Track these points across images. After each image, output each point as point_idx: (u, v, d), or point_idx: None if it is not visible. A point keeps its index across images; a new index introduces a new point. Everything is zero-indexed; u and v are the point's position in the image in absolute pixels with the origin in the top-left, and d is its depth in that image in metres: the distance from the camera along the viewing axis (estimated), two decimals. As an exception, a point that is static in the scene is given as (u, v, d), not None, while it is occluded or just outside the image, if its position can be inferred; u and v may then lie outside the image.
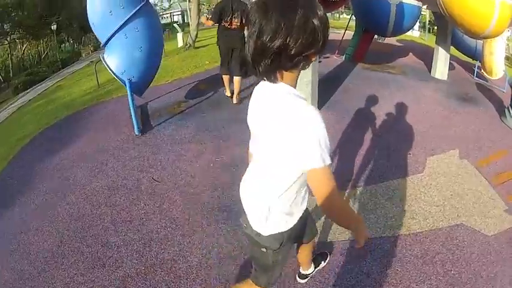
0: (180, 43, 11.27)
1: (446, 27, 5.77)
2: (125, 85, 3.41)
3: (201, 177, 2.78)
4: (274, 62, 0.85)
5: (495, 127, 4.16)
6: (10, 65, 20.50)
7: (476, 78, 6.49)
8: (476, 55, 6.59)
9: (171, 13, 32.59)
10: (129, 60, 3.40)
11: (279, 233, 1.08)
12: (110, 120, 4.12)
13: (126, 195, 2.59)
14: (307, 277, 1.80)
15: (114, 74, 3.43)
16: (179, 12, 32.06)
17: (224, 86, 4.45)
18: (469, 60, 7.27)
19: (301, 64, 0.88)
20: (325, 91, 4.62)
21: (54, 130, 4.25)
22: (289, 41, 0.81)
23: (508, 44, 7.25)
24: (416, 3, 5.67)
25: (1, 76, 18.33)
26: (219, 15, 3.88)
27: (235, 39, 3.96)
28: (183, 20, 29.33)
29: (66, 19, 22.02)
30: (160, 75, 5.90)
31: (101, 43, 3.47)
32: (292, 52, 0.83)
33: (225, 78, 4.30)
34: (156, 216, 2.32)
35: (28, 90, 11.56)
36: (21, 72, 18.87)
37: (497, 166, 3.14)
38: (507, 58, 7.04)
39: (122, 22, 3.25)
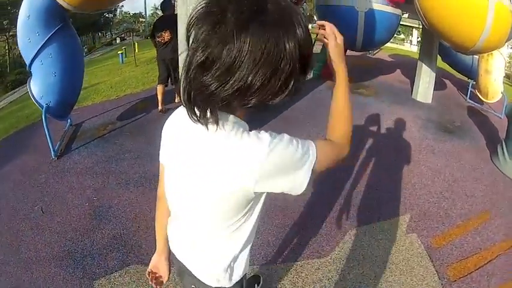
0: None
1: (432, 38, 4.87)
2: (42, 109, 3.35)
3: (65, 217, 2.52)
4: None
5: (480, 173, 3.28)
6: (8, 62, 20.70)
7: (470, 101, 5.58)
8: (472, 73, 5.64)
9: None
10: (45, 85, 3.40)
11: (239, 280, 0.89)
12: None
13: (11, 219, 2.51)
14: None
15: (33, 98, 3.41)
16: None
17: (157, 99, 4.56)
18: (465, 77, 6.38)
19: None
20: (268, 115, 4.15)
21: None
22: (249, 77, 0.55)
23: (509, 61, 6.44)
24: (392, 10, 4.80)
25: None
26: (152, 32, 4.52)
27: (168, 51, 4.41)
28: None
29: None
30: (117, 89, 6.05)
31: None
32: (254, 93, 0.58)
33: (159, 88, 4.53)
34: None
35: (15, 90, 11.35)
36: (17, 69, 18.50)
37: (463, 246, 2.26)
38: (508, 76, 6.29)
39: (37, 49, 3.27)
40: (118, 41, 25.62)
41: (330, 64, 0.80)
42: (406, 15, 5.46)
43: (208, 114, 0.61)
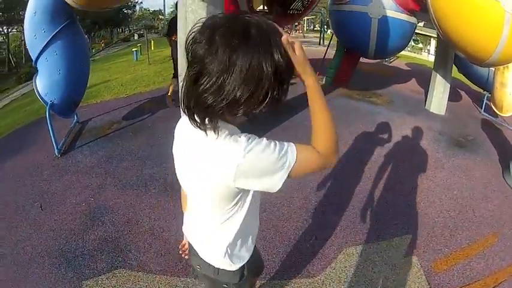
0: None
1: (447, 48, 4.68)
2: (46, 106, 3.41)
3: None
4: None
5: (490, 191, 3.10)
6: (23, 53, 20.73)
7: (484, 113, 5.34)
8: (488, 85, 5.28)
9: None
10: (50, 82, 3.43)
11: (240, 266, 1.03)
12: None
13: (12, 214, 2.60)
14: None
15: (38, 95, 3.44)
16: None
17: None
18: (481, 89, 6.13)
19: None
20: (277, 122, 4.15)
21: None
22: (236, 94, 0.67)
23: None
24: (407, 18, 4.64)
25: (13, 62, 19.05)
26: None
27: None
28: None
29: (80, 13, 23.24)
30: (127, 88, 6.06)
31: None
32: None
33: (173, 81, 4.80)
34: None
35: (28, 82, 11.43)
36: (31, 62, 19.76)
37: (466, 271, 2.13)
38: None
39: (42, 46, 3.31)
40: (136, 37, 26.01)
41: (299, 75, 0.81)
42: (421, 24, 5.28)
43: (207, 122, 0.74)
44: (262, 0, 4.95)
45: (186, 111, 0.76)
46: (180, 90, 0.75)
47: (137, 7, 34.51)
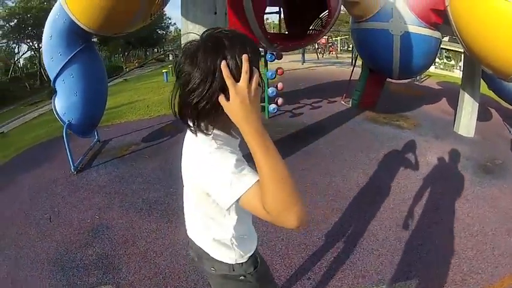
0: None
1: (473, 64, 4.37)
2: (64, 126, 3.72)
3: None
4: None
5: None
6: None
7: None
8: None
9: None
10: (67, 103, 3.69)
11: (252, 254, 1.11)
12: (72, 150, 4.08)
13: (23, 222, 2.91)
14: None
15: (57, 114, 3.73)
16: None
17: None
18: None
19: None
20: (293, 148, 4.14)
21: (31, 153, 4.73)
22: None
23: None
24: (430, 32, 4.42)
25: (44, 76, 19.48)
26: None
27: None
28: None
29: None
30: (152, 109, 6.37)
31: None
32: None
33: None
34: None
35: None
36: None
37: None
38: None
39: (59, 69, 3.54)
40: (171, 58, 27.61)
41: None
42: (446, 39, 5.05)
43: (197, 123, 0.84)
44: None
45: (178, 115, 0.87)
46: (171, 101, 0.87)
47: (171, 28, 36.19)
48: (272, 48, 4.56)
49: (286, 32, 6.51)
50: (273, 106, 5.22)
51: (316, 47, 17.26)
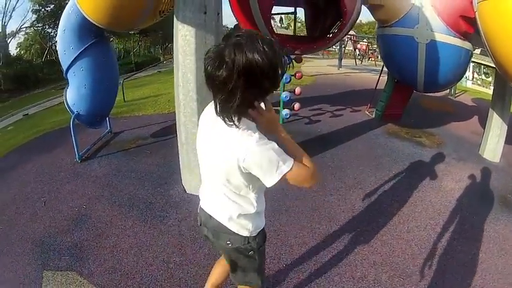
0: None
1: (504, 81, 3.96)
2: (72, 116, 3.97)
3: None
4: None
5: None
6: None
7: None
8: None
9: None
10: (77, 95, 3.92)
11: (262, 229, 1.38)
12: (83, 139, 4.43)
13: (21, 203, 3.22)
14: None
15: (66, 104, 3.98)
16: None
17: None
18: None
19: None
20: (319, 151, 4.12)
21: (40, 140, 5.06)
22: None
23: None
24: (460, 43, 4.07)
25: None
26: None
27: None
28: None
29: (153, 25, 25.84)
30: (170, 104, 6.45)
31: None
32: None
33: None
34: None
35: None
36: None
37: None
38: None
39: (70, 61, 3.75)
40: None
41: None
42: (478, 51, 4.60)
43: (235, 120, 1.06)
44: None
45: (219, 114, 1.08)
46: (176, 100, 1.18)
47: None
48: (286, 50, 4.52)
49: (301, 35, 6.40)
50: (285, 111, 5.17)
51: (357, 53, 17.01)
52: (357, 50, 17.61)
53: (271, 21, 4.29)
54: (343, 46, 14.95)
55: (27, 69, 18.81)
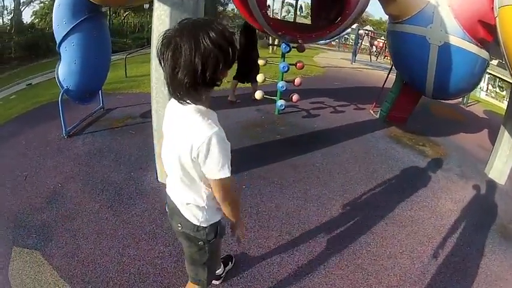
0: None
1: None
2: (62, 90, 4.04)
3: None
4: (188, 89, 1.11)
5: None
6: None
7: None
8: None
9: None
10: (67, 70, 3.97)
11: (215, 223, 1.44)
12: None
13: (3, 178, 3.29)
14: (220, 277, 2.17)
15: (57, 78, 4.02)
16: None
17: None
18: None
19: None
20: (282, 155, 3.93)
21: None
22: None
23: None
24: (477, 50, 3.78)
25: None
26: None
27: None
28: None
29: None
30: None
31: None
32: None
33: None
34: None
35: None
36: (114, 37, 22.21)
37: None
38: None
39: (62, 36, 3.79)
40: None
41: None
42: (495, 62, 4.28)
43: (187, 97, 1.15)
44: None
45: (173, 94, 1.15)
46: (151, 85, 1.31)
47: (229, 5, 36.33)
48: (279, 38, 4.36)
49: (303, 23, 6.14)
50: (280, 102, 5.05)
51: (373, 49, 16.84)
52: (373, 46, 17.49)
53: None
54: (359, 40, 14.83)
55: (39, 37, 18.91)
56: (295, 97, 5.07)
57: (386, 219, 3.04)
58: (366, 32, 17.95)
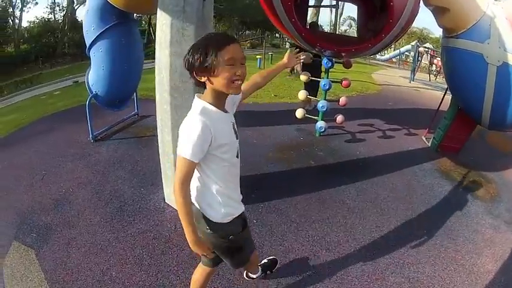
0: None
1: None
2: (90, 95, 4.29)
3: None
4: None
5: None
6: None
7: None
8: None
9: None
10: (95, 75, 4.18)
11: (235, 217, 1.53)
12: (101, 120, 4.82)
13: (26, 174, 3.60)
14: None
15: (87, 83, 4.30)
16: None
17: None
18: None
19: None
20: (312, 186, 3.62)
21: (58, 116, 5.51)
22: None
23: None
24: None
25: (152, 34, 21.24)
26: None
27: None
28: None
29: (229, 10, 24.63)
30: None
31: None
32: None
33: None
34: None
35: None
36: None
37: None
38: None
39: (90, 42, 4.00)
40: (287, 45, 28.24)
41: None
42: None
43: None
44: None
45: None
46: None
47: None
48: (318, 51, 4.13)
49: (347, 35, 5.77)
50: (320, 124, 4.78)
51: (433, 68, 16.12)
52: (433, 65, 16.67)
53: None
54: (418, 58, 14.38)
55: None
56: (339, 118, 4.78)
57: (413, 282, 2.46)
58: (426, 49, 16.97)
